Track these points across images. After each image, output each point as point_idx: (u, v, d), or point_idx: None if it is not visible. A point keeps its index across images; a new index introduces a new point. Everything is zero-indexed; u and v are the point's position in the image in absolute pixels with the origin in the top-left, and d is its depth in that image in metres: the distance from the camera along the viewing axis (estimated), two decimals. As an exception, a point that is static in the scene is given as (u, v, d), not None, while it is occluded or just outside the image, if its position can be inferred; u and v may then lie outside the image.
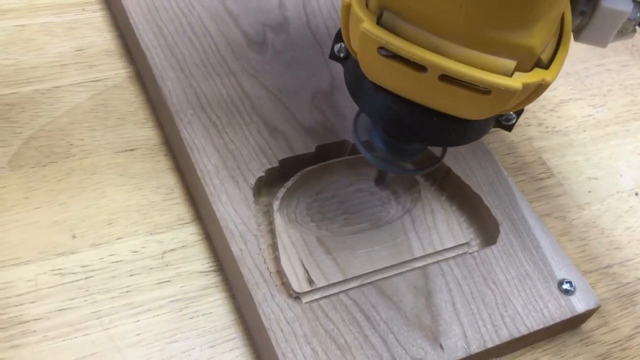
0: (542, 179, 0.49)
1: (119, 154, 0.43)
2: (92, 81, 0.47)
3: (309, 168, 0.42)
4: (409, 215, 0.42)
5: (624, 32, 0.34)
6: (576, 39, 0.34)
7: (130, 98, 0.46)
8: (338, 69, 0.47)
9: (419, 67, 0.28)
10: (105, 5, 0.51)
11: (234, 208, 0.39)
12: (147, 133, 0.45)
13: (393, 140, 0.36)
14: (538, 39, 0.28)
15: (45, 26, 0.49)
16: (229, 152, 0.41)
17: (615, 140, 0.53)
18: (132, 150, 0.44)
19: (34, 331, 0.36)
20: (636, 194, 0.50)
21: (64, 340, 0.35)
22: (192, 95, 0.43)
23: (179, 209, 0.42)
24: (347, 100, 0.45)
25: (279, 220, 0.40)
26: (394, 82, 0.30)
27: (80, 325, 0.36)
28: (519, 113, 0.34)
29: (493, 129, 0.34)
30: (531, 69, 0.28)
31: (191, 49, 0.46)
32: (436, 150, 0.41)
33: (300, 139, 0.42)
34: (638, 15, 0.33)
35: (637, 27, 0.34)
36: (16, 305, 0.36)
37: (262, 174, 0.40)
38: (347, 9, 0.30)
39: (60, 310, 0.36)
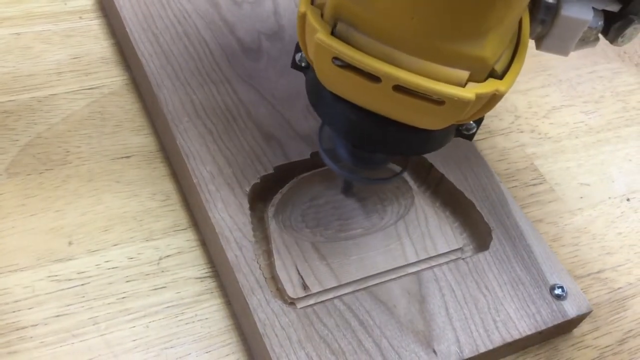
0: (534, 185, 0.49)
1: (115, 161, 0.44)
2: (88, 89, 0.47)
3: (304, 174, 0.42)
4: (403, 221, 0.42)
5: (586, 41, 0.34)
6: (538, 47, 0.34)
7: (127, 105, 0.47)
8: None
9: (373, 78, 0.28)
10: (102, 14, 0.52)
11: (230, 214, 0.39)
12: (143, 140, 0.45)
13: (357, 150, 0.36)
14: (490, 49, 0.28)
15: (42, 34, 0.50)
16: (224, 159, 0.41)
17: (607, 146, 0.53)
18: (128, 157, 0.44)
19: (31, 337, 0.36)
20: (628, 199, 0.50)
21: (60, 346, 0.36)
22: (188, 102, 0.44)
23: (175, 215, 0.42)
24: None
25: (274, 226, 0.40)
26: (350, 92, 0.30)
27: (77, 331, 0.36)
28: (479, 122, 0.34)
29: (462, 138, 0.35)
30: (485, 80, 0.29)
31: (187, 56, 0.46)
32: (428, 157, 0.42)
33: (295, 146, 0.43)
34: (599, 23, 0.33)
35: (599, 36, 0.34)
36: (13, 312, 0.37)
37: (257, 180, 0.41)
38: (303, 18, 0.30)
39: (57, 316, 0.37)
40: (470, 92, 0.28)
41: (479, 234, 0.43)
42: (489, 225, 0.42)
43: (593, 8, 0.32)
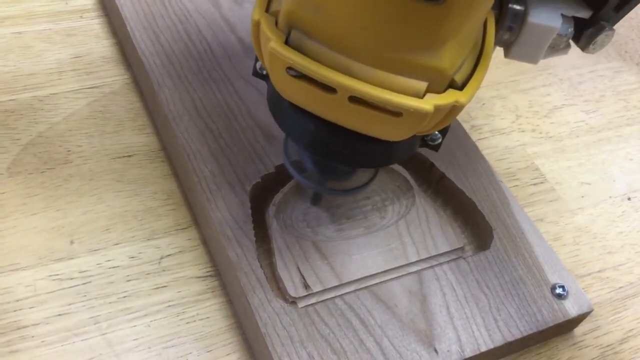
0: (535, 184, 0.49)
1: (117, 160, 0.44)
2: (89, 88, 0.47)
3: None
4: (404, 221, 0.42)
5: (556, 48, 0.33)
6: (506, 55, 0.33)
7: (128, 104, 0.47)
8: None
9: (328, 88, 0.27)
10: (103, 13, 0.52)
11: (231, 213, 0.39)
12: (144, 139, 0.45)
13: (320, 161, 0.35)
14: (448, 60, 0.27)
15: (43, 33, 0.50)
16: (225, 158, 0.41)
17: (608, 145, 0.53)
18: (129, 156, 0.44)
19: (33, 336, 0.36)
20: (629, 199, 0.50)
21: (62, 345, 0.36)
22: (189, 101, 0.44)
23: (176, 214, 0.42)
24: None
25: (275, 225, 0.40)
26: (306, 101, 0.29)
27: (79, 330, 0.36)
28: (444, 132, 0.33)
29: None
30: (444, 90, 0.28)
31: (188, 55, 0.46)
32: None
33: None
34: (569, 30, 0.32)
35: (570, 43, 0.33)
36: (15, 311, 0.37)
37: (259, 179, 0.41)
38: (257, 26, 0.29)
39: (59, 315, 0.37)
40: (428, 103, 0.27)
41: (480, 233, 0.43)
42: (490, 225, 0.42)
43: (562, 15, 0.31)
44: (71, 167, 0.43)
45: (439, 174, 0.44)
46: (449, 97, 0.28)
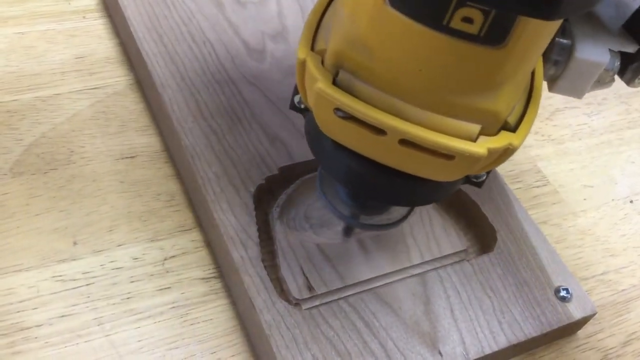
0: (538, 186, 0.50)
1: (120, 161, 0.44)
2: (92, 88, 0.47)
3: (309, 175, 0.42)
4: (408, 223, 0.42)
5: (602, 82, 0.32)
6: (550, 89, 0.33)
7: (131, 105, 0.47)
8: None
9: (378, 130, 0.27)
10: (106, 13, 0.52)
11: (235, 215, 0.39)
12: (147, 140, 0.45)
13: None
14: (503, 103, 0.26)
15: (46, 34, 0.50)
16: (229, 160, 0.41)
17: (610, 148, 0.54)
18: (132, 157, 0.44)
19: (36, 337, 0.36)
20: (631, 201, 0.50)
21: (65, 347, 0.36)
22: (193, 103, 0.44)
23: (180, 215, 0.42)
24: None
25: (278, 227, 0.40)
26: (353, 142, 0.29)
27: (82, 331, 0.36)
28: (489, 170, 0.32)
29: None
30: (497, 133, 0.27)
31: (191, 57, 0.46)
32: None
33: (300, 147, 0.43)
34: (616, 65, 0.31)
35: (615, 76, 0.32)
36: (18, 312, 0.36)
37: (263, 181, 0.41)
38: (302, 65, 0.28)
39: (62, 316, 0.37)
40: (481, 147, 0.26)
41: (484, 236, 0.43)
42: (493, 227, 0.42)
43: (609, 50, 0.31)
44: (74, 168, 0.43)
45: (442, 176, 0.44)
46: (503, 139, 0.27)
